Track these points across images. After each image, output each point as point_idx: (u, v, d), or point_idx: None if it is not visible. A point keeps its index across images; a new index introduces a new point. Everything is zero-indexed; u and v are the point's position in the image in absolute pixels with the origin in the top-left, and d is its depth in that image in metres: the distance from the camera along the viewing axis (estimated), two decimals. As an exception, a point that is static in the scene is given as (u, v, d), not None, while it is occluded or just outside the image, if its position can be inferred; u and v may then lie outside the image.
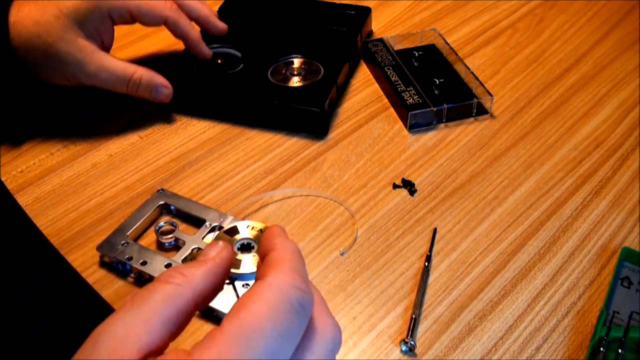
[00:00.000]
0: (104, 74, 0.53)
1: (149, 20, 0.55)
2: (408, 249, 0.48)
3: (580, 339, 0.42)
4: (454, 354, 0.41)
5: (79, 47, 0.51)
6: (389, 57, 0.65)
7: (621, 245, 0.48)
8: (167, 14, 0.55)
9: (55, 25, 0.50)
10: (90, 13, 0.52)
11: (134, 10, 0.54)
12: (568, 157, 0.56)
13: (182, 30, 0.57)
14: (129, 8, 0.53)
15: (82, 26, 0.52)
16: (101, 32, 0.54)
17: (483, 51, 0.68)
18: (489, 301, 0.44)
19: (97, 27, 0.53)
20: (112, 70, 0.53)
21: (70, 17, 0.51)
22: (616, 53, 0.68)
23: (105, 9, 0.53)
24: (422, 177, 0.54)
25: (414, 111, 0.57)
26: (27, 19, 0.50)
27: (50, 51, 0.51)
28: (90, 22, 0.52)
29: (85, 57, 0.52)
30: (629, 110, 0.61)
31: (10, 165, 0.54)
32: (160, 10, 0.55)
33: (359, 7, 0.70)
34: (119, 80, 0.53)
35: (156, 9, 0.55)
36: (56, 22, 0.50)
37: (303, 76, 0.61)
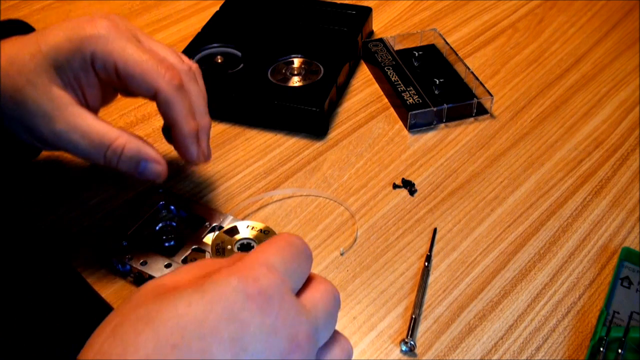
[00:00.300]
0: (75, 136, 0.41)
1: (135, 85, 0.41)
2: (408, 249, 0.48)
3: (580, 339, 0.42)
4: (454, 354, 0.41)
5: (51, 97, 0.40)
6: (389, 57, 0.65)
7: (621, 245, 0.48)
8: (162, 86, 0.41)
9: (28, 65, 0.40)
10: (72, 56, 0.41)
11: (121, 67, 0.41)
12: (568, 157, 0.56)
13: (173, 116, 0.43)
14: (115, 61, 0.41)
15: (60, 71, 0.41)
16: (82, 83, 0.42)
17: (483, 51, 0.68)
18: (489, 301, 0.44)
19: (78, 76, 0.41)
20: (86, 133, 0.41)
21: (47, 57, 0.40)
22: (616, 53, 0.68)
23: (88, 54, 0.41)
24: (422, 177, 0.54)
25: (414, 111, 0.57)
26: (4, 55, 0.41)
27: (17, 97, 0.40)
28: (70, 68, 0.41)
29: (55, 111, 0.40)
30: (629, 110, 0.61)
31: (10, 165, 0.54)
32: (152, 79, 0.41)
33: (359, 7, 0.70)
34: (93, 146, 0.41)
35: (148, 75, 0.41)
36: (31, 61, 0.40)
37: (303, 76, 0.61)
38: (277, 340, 0.28)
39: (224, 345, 0.27)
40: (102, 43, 0.41)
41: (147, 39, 0.44)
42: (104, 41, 0.40)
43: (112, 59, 0.41)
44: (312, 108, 0.56)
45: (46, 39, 0.41)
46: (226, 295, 0.28)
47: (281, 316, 0.29)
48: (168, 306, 0.28)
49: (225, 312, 0.27)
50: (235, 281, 0.28)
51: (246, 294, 0.28)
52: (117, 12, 0.75)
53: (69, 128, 0.40)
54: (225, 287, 0.28)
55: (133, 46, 0.41)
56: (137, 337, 0.27)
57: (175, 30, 0.72)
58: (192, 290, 0.28)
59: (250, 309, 0.28)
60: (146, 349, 0.26)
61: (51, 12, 0.75)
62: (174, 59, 0.44)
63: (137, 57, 0.41)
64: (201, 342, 0.27)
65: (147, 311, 0.28)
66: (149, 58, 0.41)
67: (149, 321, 0.27)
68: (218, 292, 0.28)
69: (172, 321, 0.27)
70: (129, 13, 0.75)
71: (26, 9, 0.76)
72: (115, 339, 0.27)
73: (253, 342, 0.28)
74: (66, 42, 0.40)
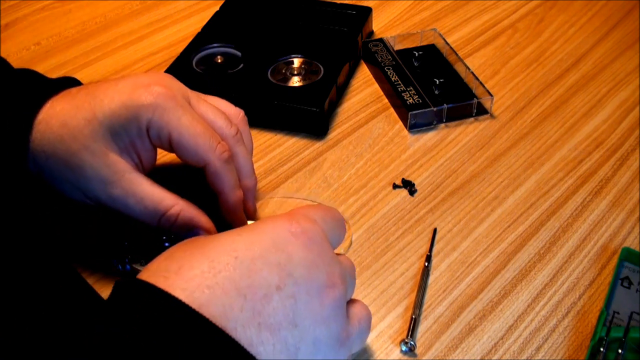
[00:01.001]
0: (131, 201, 0.41)
1: (187, 156, 0.42)
2: (408, 249, 0.48)
3: (580, 339, 0.42)
4: (454, 354, 0.41)
5: (108, 163, 0.41)
6: (389, 57, 0.65)
7: (621, 245, 0.48)
8: (212, 160, 0.42)
9: (84, 130, 0.40)
10: (129, 123, 0.40)
11: (175, 138, 0.41)
12: (568, 157, 0.56)
13: (221, 188, 0.43)
14: (170, 132, 0.41)
15: (117, 137, 0.41)
16: (138, 149, 0.42)
17: (483, 51, 0.68)
18: (489, 301, 0.44)
19: (134, 142, 0.42)
20: (142, 199, 0.41)
21: (104, 123, 0.40)
22: (616, 53, 0.68)
23: (144, 122, 0.41)
24: (422, 177, 0.54)
25: (414, 111, 0.57)
26: (55, 118, 0.40)
27: (73, 161, 0.40)
28: (126, 135, 0.41)
29: (112, 177, 0.41)
30: (629, 110, 0.61)
31: (10, 165, 0.54)
32: (204, 152, 0.42)
33: (359, 7, 0.70)
34: (148, 212, 0.42)
35: (201, 149, 0.41)
36: (86, 127, 0.40)
37: (303, 76, 0.61)
38: (318, 272, 0.32)
39: (272, 268, 0.31)
40: (159, 113, 0.41)
41: (198, 101, 0.44)
42: (160, 111, 0.41)
43: (167, 129, 0.41)
44: (312, 108, 0.56)
45: (102, 105, 0.40)
46: (273, 229, 0.33)
47: (321, 255, 0.33)
48: (219, 236, 0.32)
49: (273, 242, 0.32)
50: (280, 220, 0.33)
51: (291, 232, 0.33)
52: (117, 12, 0.75)
53: (125, 194, 0.41)
54: (272, 224, 0.33)
55: (188, 117, 0.41)
56: (192, 257, 0.31)
57: (175, 30, 0.72)
58: (241, 227, 0.33)
59: (295, 243, 0.32)
60: (201, 266, 0.30)
61: (51, 12, 0.75)
62: (223, 122, 0.44)
63: (192, 130, 0.41)
64: (252, 263, 0.31)
65: (200, 241, 0.32)
66: (203, 131, 0.42)
67: (203, 246, 0.31)
68: (266, 226, 0.33)
69: (225, 245, 0.31)
70: (129, 13, 0.75)
71: (26, 8, 0.76)
72: (171, 260, 0.31)
73: (297, 269, 0.32)
74: (123, 110, 0.40)
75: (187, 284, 0.29)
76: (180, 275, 0.29)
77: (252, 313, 0.29)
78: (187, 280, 0.29)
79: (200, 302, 0.28)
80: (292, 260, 0.32)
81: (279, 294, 0.30)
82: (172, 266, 0.30)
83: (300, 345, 0.30)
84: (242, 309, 0.29)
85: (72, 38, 0.71)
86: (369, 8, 0.70)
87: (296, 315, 0.31)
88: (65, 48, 0.69)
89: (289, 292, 0.31)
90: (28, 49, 0.69)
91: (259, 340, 0.29)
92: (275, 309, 0.30)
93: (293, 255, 0.32)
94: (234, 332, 0.28)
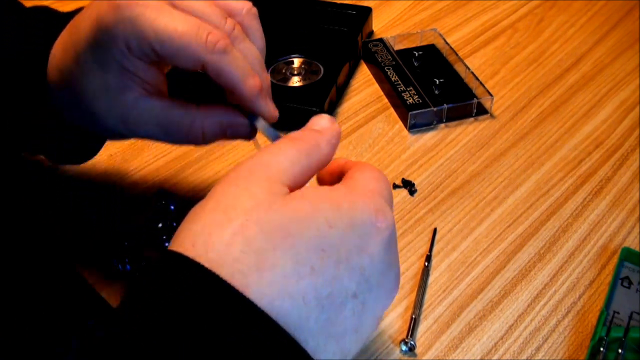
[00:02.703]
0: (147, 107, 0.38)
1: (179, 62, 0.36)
2: (408, 249, 0.48)
3: (580, 339, 0.42)
4: (454, 354, 0.41)
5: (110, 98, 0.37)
6: (389, 57, 0.65)
7: (621, 245, 0.48)
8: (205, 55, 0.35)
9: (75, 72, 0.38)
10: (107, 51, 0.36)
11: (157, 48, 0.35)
12: (568, 157, 0.56)
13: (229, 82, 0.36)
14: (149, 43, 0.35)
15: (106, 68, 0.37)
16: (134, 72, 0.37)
17: (483, 51, 0.68)
18: (489, 301, 0.44)
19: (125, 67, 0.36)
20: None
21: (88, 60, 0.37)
22: (616, 53, 0.68)
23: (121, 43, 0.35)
24: (422, 177, 0.54)
25: (414, 111, 0.57)
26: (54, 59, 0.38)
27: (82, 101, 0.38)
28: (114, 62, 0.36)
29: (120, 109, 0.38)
30: (629, 110, 0.61)
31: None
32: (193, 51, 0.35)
33: (359, 7, 0.70)
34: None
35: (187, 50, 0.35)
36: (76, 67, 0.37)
37: (303, 76, 0.61)
38: (390, 276, 0.30)
39: (354, 273, 0.28)
40: (130, 26, 0.34)
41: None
42: (130, 24, 0.34)
43: (146, 41, 0.34)
44: (312, 108, 0.56)
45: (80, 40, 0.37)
46: (362, 222, 0.28)
47: (394, 254, 0.31)
48: (308, 222, 0.27)
49: (359, 241, 0.28)
50: (368, 210, 0.29)
51: (376, 227, 0.29)
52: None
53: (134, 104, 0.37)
54: (362, 214, 0.29)
55: (164, 18, 0.34)
56: (275, 252, 0.26)
57: (175, 30, 0.72)
58: (330, 210, 0.28)
59: (377, 241, 0.29)
60: (284, 268, 0.26)
61: (51, 12, 0.75)
62: (216, 16, 0.36)
63: (170, 32, 0.34)
64: (337, 268, 0.27)
65: (284, 223, 0.27)
66: (185, 29, 0.34)
67: (288, 236, 0.26)
68: (356, 217, 0.28)
69: (313, 241, 0.27)
70: (129, 13, 0.75)
71: (26, 9, 0.76)
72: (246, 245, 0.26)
73: (374, 275, 0.29)
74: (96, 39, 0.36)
75: (268, 289, 0.25)
76: (261, 276, 0.25)
77: (326, 324, 0.27)
78: (269, 284, 0.25)
79: (279, 312, 0.25)
80: (373, 263, 0.29)
81: (353, 302, 0.28)
82: (250, 258, 0.25)
83: (353, 347, 0.29)
84: (317, 321, 0.26)
85: (72, 38, 0.71)
86: (369, 8, 0.70)
87: (361, 323, 0.29)
88: (65, 48, 0.69)
89: (362, 299, 0.28)
90: (28, 49, 0.69)
91: (324, 349, 0.27)
92: (346, 317, 0.28)
93: (374, 258, 0.29)
94: (305, 343, 0.26)
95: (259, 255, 0.25)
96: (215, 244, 0.26)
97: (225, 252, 0.25)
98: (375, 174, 0.32)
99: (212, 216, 0.27)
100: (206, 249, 0.25)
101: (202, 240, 0.26)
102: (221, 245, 0.25)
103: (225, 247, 0.25)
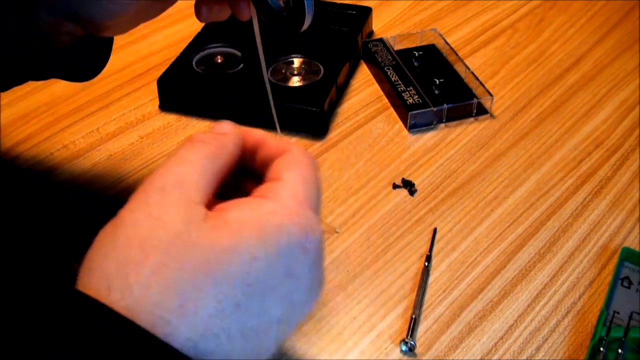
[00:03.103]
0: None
1: None
2: (408, 249, 0.48)
3: (580, 339, 0.42)
4: (454, 354, 0.41)
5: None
6: (389, 57, 0.65)
7: (621, 245, 0.48)
8: None
9: None
10: None
11: None
12: (568, 157, 0.56)
13: None
14: None
15: None
16: None
17: (483, 51, 0.68)
18: (489, 301, 0.44)
19: None
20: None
21: None
22: (616, 53, 0.68)
23: None
24: (422, 177, 0.54)
25: (414, 111, 0.57)
26: None
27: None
28: None
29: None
30: (629, 110, 0.61)
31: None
32: None
33: (359, 7, 0.70)
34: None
35: None
36: None
37: (303, 76, 0.61)
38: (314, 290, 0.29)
39: (279, 302, 0.27)
40: None
41: None
42: None
43: None
44: (312, 108, 0.56)
45: None
46: (289, 248, 0.27)
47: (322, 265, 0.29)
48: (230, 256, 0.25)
49: (286, 268, 0.27)
50: (296, 232, 0.27)
51: (303, 248, 0.28)
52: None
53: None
54: (290, 238, 0.27)
55: None
56: (198, 293, 0.24)
57: (175, 30, 0.72)
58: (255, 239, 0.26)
59: (304, 262, 0.28)
60: (207, 310, 0.24)
61: (51, 12, 0.75)
62: None
63: None
64: (262, 300, 0.26)
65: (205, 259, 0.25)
66: None
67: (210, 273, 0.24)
68: (282, 244, 0.27)
69: (237, 276, 0.25)
70: (129, 13, 0.75)
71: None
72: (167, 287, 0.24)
73: (301, 296, 0.28)
74: None
75: (192, 333, 0.24)
76: (183, 320, 0.23)
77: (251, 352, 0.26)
78: (192, 328, 0.24)
79: (204, 353, 0.24)
80: (300, 286, 0.28)
81: (279, 326, 0.27)
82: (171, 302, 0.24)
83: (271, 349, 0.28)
84: (243, 350, 0.25)
85: (72, 38, 0.71)
86: (369, 8, 0.70)
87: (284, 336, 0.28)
88: (65, 48, 0.69)
89: (288, 320, 0.28)
90: (28, 49, 0.69)
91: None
92: (271, 338, 0.27)
93: (301, 280, 0.28)
94: None
95: (181, 297, 0.24)
96: (134, 288, 0.24)
97: (144, 296, 0.24)
98: (303, 172, 0.30)
99: (127, 253, 0.25)
100: (123, 294, 0.24)
101: (118, 283, 0.24)
102: (140, 289, 0.24)
103: (145, 290, 0.24)
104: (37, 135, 0.57)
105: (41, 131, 0.58)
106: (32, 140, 0.57)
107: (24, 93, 0.62)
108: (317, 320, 0.43)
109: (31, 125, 0.58)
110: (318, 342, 0.42)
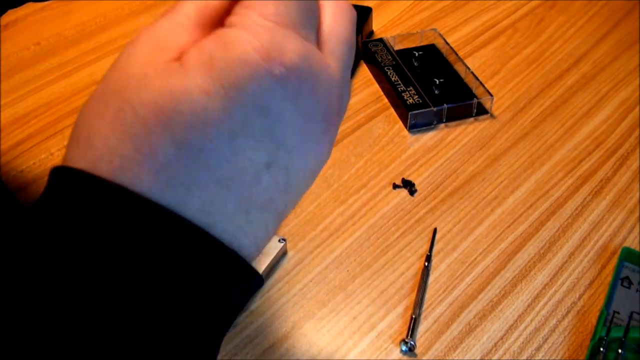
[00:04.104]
0: None
1: None
2: (408, 249, 0.48)
3: (580, 339, 0.42)
4: (454, 354, 0.41)
5: None
6: (389, 57, 0.65)
7: (621, 245, 0.48)
8: None
9: None
10: None
11: None
12: (568, 157, 0.56)
13: None
14: None
15: None
16: None
17: (483, 51, 0.68)
18: (489, 301, 0.44)
19: None
20: None
21: None
22: (616, 53, 0.68)
23: None
24: (422, 177, 0.54)
25: (414, 111, 0.57)
26: None
27: None
28: None
29: None
30: (629, 110, 0.61)
31: (10, 165, 0.54)
32: None
33: (359, 7, 0.70)
34: None
35: None
36: None
37: (303, 76, 0.60)
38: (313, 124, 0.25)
39: (255, 142, 0.23)
40: None
41: None
42: None
43: None
44: (312, 108, 0.56)
45: None
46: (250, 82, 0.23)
47: (315, 94, 0.25)
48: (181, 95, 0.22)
49: (252, 102, 0.23)
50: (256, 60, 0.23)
51: (274, 76, 0.23)
52: (117, 12, 0.75)
53: None
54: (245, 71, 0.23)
55: None
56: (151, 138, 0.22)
57: (175, 30, 0.72)
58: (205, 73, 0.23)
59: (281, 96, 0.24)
60: (167, 155, 0.22)
61: (51, 12, 0.75)
62: None
63: None
64: (231, 143, 0.23)
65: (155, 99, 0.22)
66: None
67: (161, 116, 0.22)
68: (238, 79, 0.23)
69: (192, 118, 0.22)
70: (129, 13, 0.75)
71: (26, 9, 0.76)
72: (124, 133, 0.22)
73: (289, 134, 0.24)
74: None
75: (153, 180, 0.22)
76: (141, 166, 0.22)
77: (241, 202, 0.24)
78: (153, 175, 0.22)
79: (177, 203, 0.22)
80: (280, 123, 0.24)
81: (269, 171, 0.24)
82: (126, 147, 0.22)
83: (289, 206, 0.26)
84: (227, 203, 0.23)
85: (72, 38, 0.71)
86: (369, 8, 0.70)
87: (290, 184, 0.25)
88: (65, 48, 0.69)
89: (281, 164, 0.24)
90: (28, 49, 0.69)
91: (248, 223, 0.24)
92: (267, 187, 0.24)
93: (282, 117, 0.24)
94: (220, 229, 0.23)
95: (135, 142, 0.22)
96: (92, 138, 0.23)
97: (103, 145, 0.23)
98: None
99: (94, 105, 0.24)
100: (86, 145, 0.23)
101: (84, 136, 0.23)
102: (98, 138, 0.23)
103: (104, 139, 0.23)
104: (37, 135, 0.57)
105: (41, 131, 0.58)
106: (32, 140, 0.57)
107: (24, 93, 0.62)
108: (317, 320, 0.43)
109: (31, 125, 0.59)
110: (318, 342, 0.42)
